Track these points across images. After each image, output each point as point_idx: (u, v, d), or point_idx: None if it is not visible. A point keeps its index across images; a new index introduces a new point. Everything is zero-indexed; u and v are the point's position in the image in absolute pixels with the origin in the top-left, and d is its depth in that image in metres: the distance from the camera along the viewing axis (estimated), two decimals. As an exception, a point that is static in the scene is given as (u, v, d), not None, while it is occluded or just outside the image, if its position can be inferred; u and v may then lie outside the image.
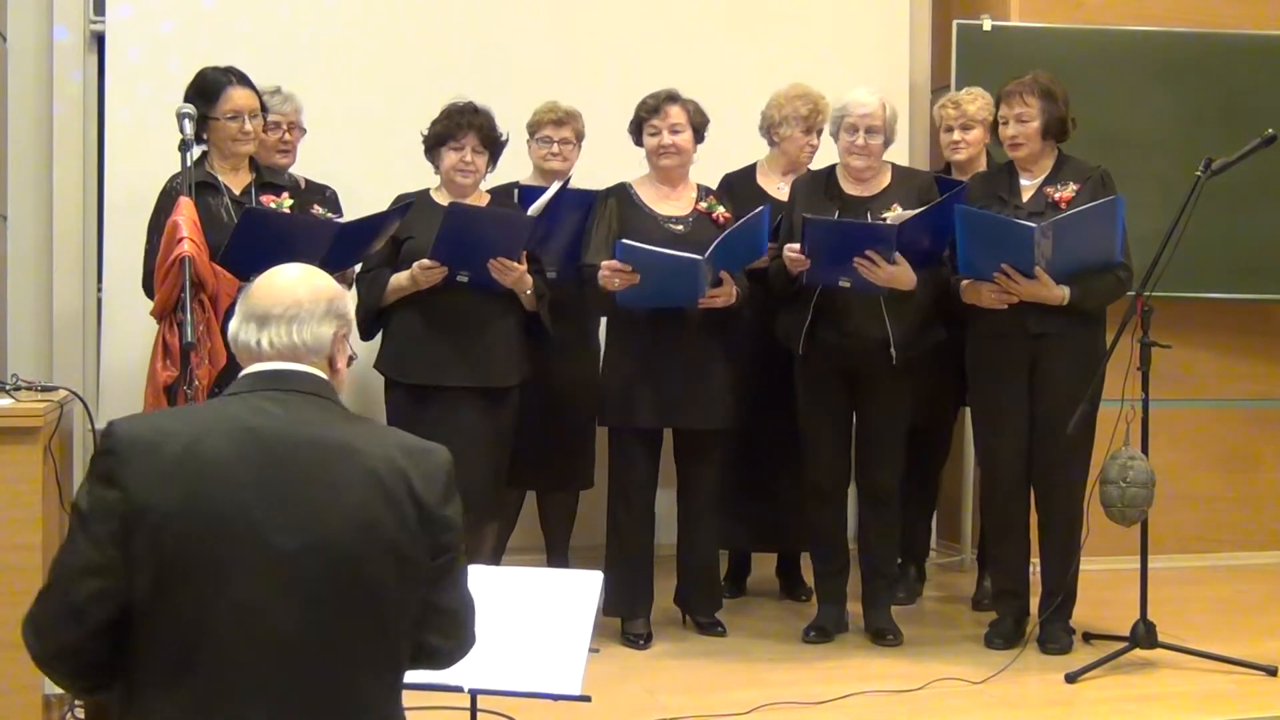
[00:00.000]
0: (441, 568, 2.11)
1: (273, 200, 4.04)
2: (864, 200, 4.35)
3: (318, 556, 1.98)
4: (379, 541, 2.02)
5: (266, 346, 2.11)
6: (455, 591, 2.15)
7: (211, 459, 1.98)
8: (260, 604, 1.96)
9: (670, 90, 4.42)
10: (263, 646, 1.96)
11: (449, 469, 2.14)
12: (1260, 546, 5.86)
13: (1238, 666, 4.09)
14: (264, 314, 2.12)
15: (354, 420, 2.16)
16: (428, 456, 2.12)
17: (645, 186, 4.46)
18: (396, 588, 2.04)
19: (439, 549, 2.09)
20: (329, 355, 2.17)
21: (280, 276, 2.19)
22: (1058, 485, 4.28)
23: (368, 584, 2.01)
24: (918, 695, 3.87)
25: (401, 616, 2.07)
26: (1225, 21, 5.75)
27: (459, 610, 2.16)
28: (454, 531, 2.12)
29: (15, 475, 3.19)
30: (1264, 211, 5.61)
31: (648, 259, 4.14)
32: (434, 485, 2.10)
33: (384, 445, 2.10)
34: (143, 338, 3.90)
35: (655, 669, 4.15)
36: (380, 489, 2.04)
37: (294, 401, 2.09)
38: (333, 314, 2.16)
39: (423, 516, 2.07)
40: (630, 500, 4.38)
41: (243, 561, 1.96)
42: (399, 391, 4.32)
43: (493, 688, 2.89)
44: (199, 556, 1.95)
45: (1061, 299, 4.15)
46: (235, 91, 3.97)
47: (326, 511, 2.00)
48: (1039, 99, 4.23)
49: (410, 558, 2.05)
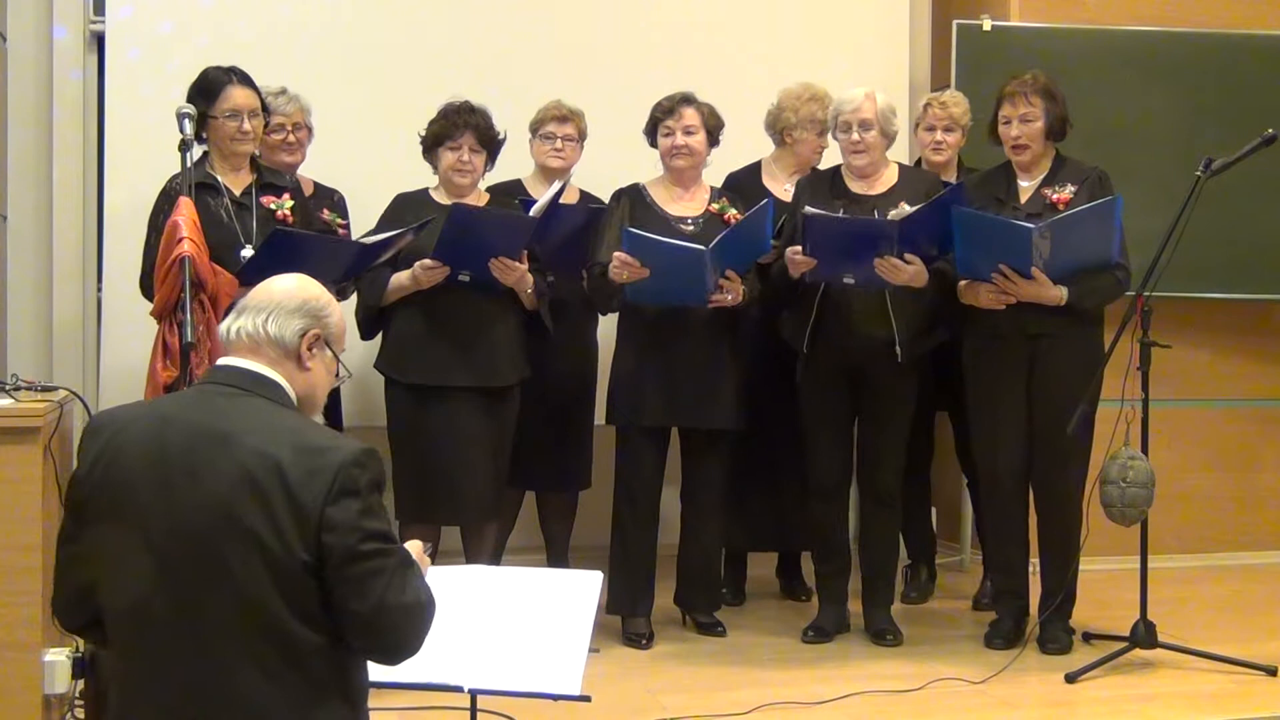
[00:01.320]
0: (340, 570, 2.09)
1: (273, 201, 4.04)
2: (870, 199, 4.35)
3: (182, 542, 2.09)
4: (239, 533, 2.07)
5: (234, 335, 2.25)
6: (365, 596, 2.11)
7: (125, 443, 2.17)
8: (144, 586, 2.10)
9: (686, 92, 4.42)
10: (153, 632, 2.10)
11: (342, 468, 2.10)
12: (1260, 546, 5.86)
13: (1238, 666, 4.09)
14: (243, 308, 2.27)
15: (266, 417, 2.17)
16: (318, 455, 2.12)
17: (658, 187, 4.46)
18: (267, 583, 2.06)
19: (324, 549, 2.08)
20: (295, 350, 2.24)
21: (274, 282, 2.33)
22: (1057, 485, 4.27)
23: (230, 576, 2.07)
24: (918, 695, 3.87)
25: (288, 615, 2.07)
26: (1225, 21, 5.75)
27: (369, 615, 2.11)
28: (343, 532, 2.08)
29: (15, 475, 3.18)
30: (1264, 211, 5.61)
31: (653, 249, 4.14)
32: (315, 482, 2.08)
33: (273, 440, 2.12)
34: (143, 338, 3.90)
35: (655, 669, 4.15)
36: (247, 481, 2.08)
37: (220, 394, 2.20)
38: (304, 312, 2.26)
39: (296, 513, 2.07)
40: (636, 499, 4.38)
41: (131, 542, 2.12)
42: (399, 391, 4.32)
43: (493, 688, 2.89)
44: (108, 532, 2.15)
45: (1059, 299, 4.15)
46: (235, 91, 3.97)
47: (192, 498, 2.10)
48: (1043, 99, 4.24)
49: (277, 553, 2.06)
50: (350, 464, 2.11)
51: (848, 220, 4.23)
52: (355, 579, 2.10)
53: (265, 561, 2.06)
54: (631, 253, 4.14)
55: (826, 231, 4.16)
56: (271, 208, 4.03)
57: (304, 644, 2.09)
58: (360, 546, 2.10)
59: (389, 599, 2.12)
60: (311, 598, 2.09)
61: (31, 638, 3.20)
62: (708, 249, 4.12)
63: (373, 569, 2.12)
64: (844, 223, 4.21)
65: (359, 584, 2.10)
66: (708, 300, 4.22)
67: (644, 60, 5.25)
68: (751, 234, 4.23)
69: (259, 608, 2.07)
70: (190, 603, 2.08)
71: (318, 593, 2.10)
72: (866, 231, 4.18)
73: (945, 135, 4.84)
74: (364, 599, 2.11)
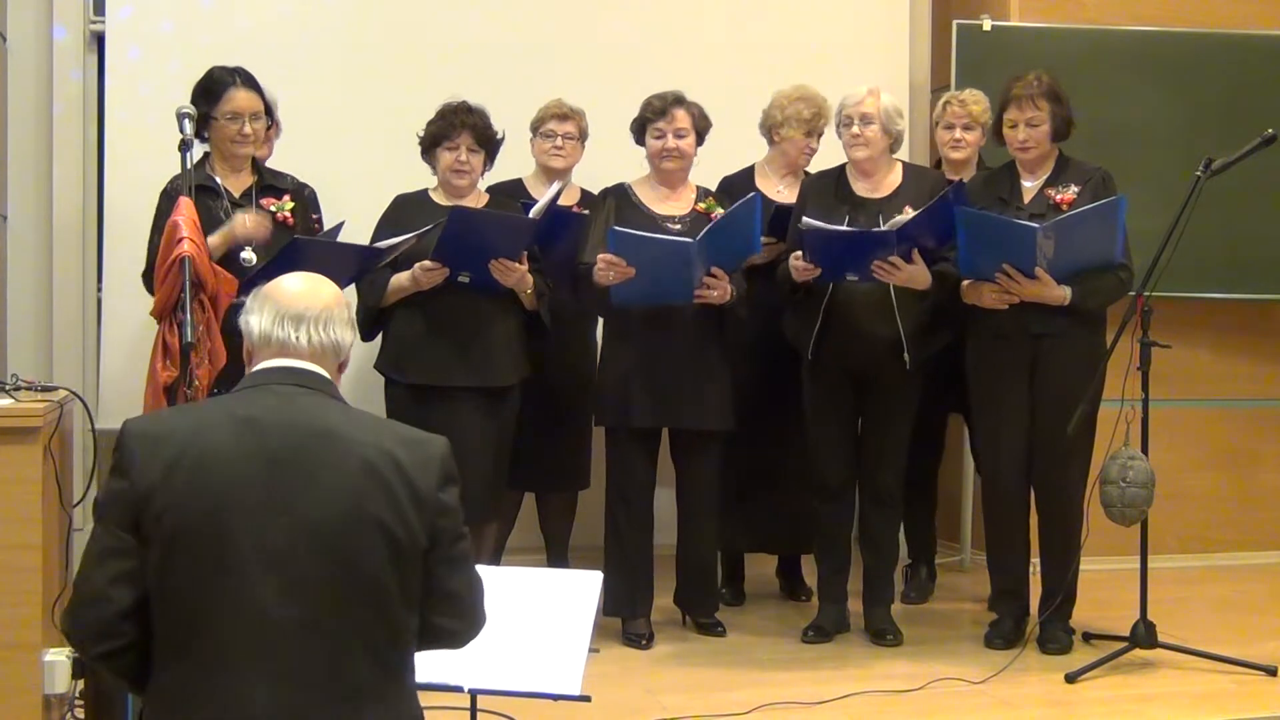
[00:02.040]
0: (445, 551, 2.21)
1: (273, 203, 4.04)
2: (875, 202, 4.35)
3: (305, 537, 2.10)
4: (368, 522, 2.13)
5: (306, 343, 2.27)
6: (461, 575, 2.25)
7: (210, 447, 2.13)
8: (254, 584, 2.08)
9: (677, 93, 4.41)
10: (258, 625, 2.08)
11: (444, 456, 2.23)
12: (1260, 546, 5.86)
13: (1238, 666, 4.09)
14: (299, 315, 2.28)
15: (353, 413, 2.27)
16: (423, 445, 2.23)
17: (644, 187, 4.46)
18: (389, 569, 2.14)
19: (437, 532, 2.19)
20: (343, 359, 2.34)
21: (302, 281, 2.36)
22: (1058, 485, 4.27)
23: (356, 564, 2.12)
24: (918, 695, 3.87)
25: (399, 598, 2.16)
26: (1225, 21, 5.75)
27: (464, 593, 2.26)
28: (451, 515, 2.22)
29: (15, 475, 3.18)
30: (1264, 211, 5.61)
31: (640, 246, 4.14)
32: (428, 470, 2.20)
33: (378, 434, 2.22)
34: (143, 338, 3.90)
35: (655, 669, 4.15)
36: (369, 472, 2.15)
37: (299, 394, 2.23)
38: (350, 322, 2.36)
39: (416, 500, 2.17)
40: (629, 500, 4.38)
41: (237, 543, 2.09)
42: (399, 391, 4.32)
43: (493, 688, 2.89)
44: (198, 539, 2.09)
45: (1063, 299, 4.15)
46: (237, 93, 3.97)
47: (313, 494, 2.12)
48: (1049, 103, 4.23)
49: (402, 540, 2.15)
50: (448, 454, 2.25)
51: (844, 232, 4.21)
52: (456, 559, 2.24)
53: (390, 547, 2.14)
54: (618, 252, 4.14)
55: (824, 243, 4.16)
56: (272, 209, 4.03)
57: (407, 628, 2.19)
58: (461, 528, 2.25)
59: (476, 576, 2.30)
60: (418, 581, 2.19)
61: (31, 638, 3.20)
62: (695, 240, 4.11)
63: (467, 549, 2.27)
64: (841, 235, 4.20)
65: (458, 564, 2.24)
66: (694, 297, 4.21)
67: (644, 60, 5.25)
68: (738, 228, 4.20)
69: (380, 593, 2.14)
70: (314, 595, 2.10)
71: (422, 577, 2.20)
72: (864, 241, 4.18)
73: (965, 133, 4.84)
74: (461, 578, 2.25)
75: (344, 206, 4.57)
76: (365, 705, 2.12)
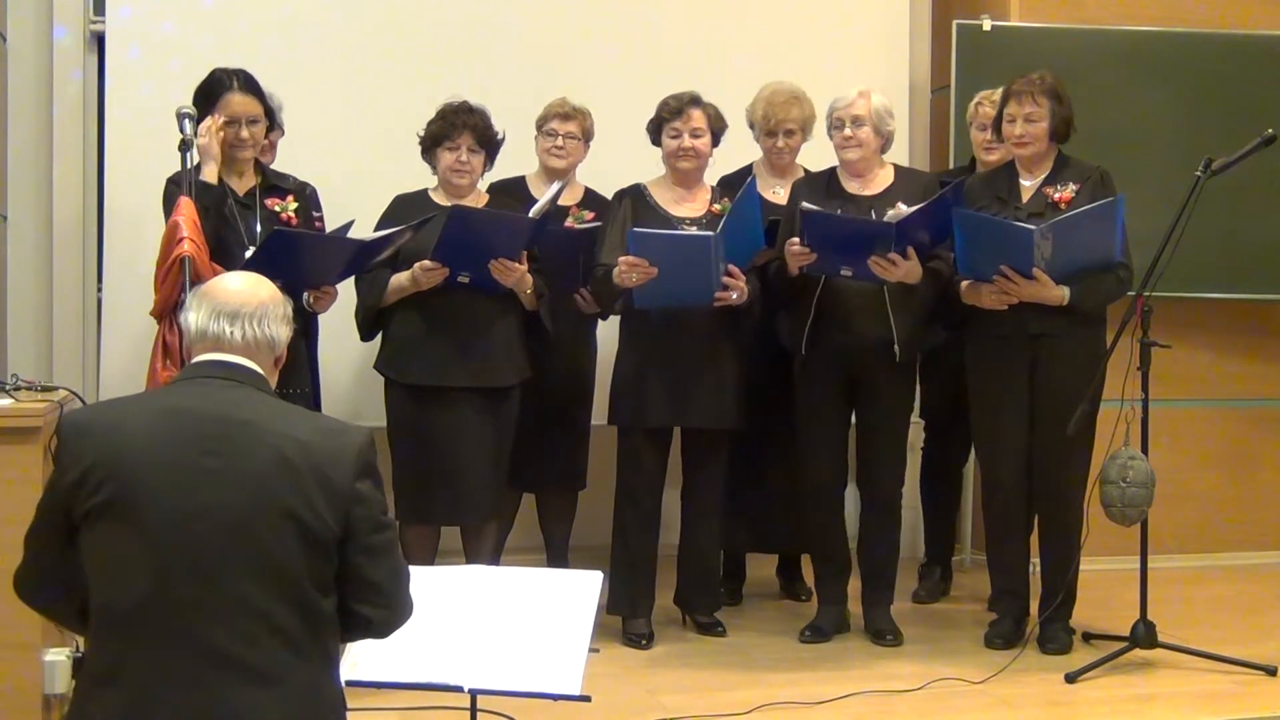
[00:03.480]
0: (362, 540, 2.27)
1: (277, 203, 4.04)
2: (867, 199, 4.35)
3: (214, 524, 2.19)
4: (276, 511, 2.20)
5: (239, 338, 2.36)
6: (383, 565, 2.31)
7: (129, 436, 2.24)
8: (165, 568, 2.18)
9: (693, 93, 4.41)
10: (170, 608, 2.18)
11: (362, 447, 2.30)
12: (1260, 546, 5.86)
13: (1238, 666, 4.09)
14: (234, 311, 2.37)
15: (278, 406, 2.36)
16: (340, 435, 2.31)
17: (660, 188, 4.46)
18: (299, 556, 2.21)
19: (352, 521, 2.26)
20: (281, 354, 2.44)
21: (241, 280, 2.47)
22: (1058, 485, 4.27)
23: (264, 551, 2.19)
24: (918, 695, 3.87)
25: (311, 584, 2.22)
26: (1225, 21, 5.75)
27: (386, 583, 2.31)
28: (367, 505, 2.28)
29: (15, 475, 3.18)
30: (1264, 211, 5.61)
31: (661, 244, 4.14)
32: (342, 461, 2.26)
33: (296, 425, 2.30)
34: (143, 338, 3.90)
35: (655, 669, 4.15)
36: (280, 462, 2.22)
37: (227, 387, 2.33)
38: (287, 319, 2.45)
39: (328, 490, 2.23)
40: (638, 500, 4.38)
41: (150, 528, 2.19)
42: (399, 391, 4.32)
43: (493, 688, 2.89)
44: (115, 524, 2.21)
45: (1061, 299, 4.15)
46: (234, 98, 3.96)
47: (224, 481, 2.21)
48: (1049, 99, 4.23)
49: (313, 528, 2.22)
50: (367, 446, 2.31)
51: (845, 219, 4.23)
52: (377, 549, 2.29)
53: (299, 535, 2.21)
54: (639, 253, 4.13)
55: (824, 228, 4.15)
56: (275, 210, 4.03)
57: (320, 614, 2.24)
58: (380, 516, 2.31)
59: (399, 562, 2.35)
60: (331, 569, 2.25)
61: (31, 638, 3.20)
62: (714, 234, 4.12)
63: (389, 540, 2.33)
64: (841, 221, 4.21)
65: (379, 553, 2.30)
66: (714, 298, 4.21)
67: (644, 60, 5.25)
68: (745, 219, 4.20)
69: (289, 579, 2.20)
70: (216, 581, 2.18)
71: (336, 566, 2.26)
72: (863, 230, 4.18)
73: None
74: (383, 567, 2.30)
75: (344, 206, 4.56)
76: (272, 688, 2.18)
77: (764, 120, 4.72)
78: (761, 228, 4.33)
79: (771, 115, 4.71)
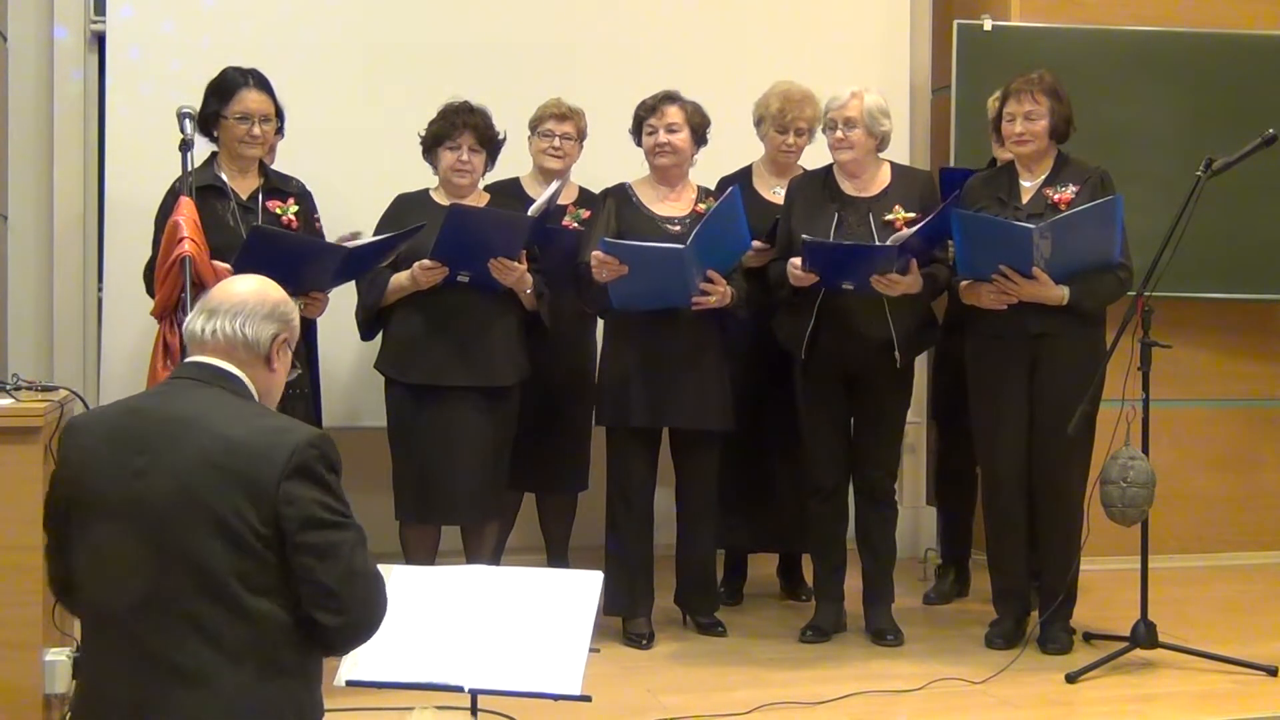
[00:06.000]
0: (299, 539, 2.21)
1: (278, 206, 4.04)
2: (864, 201, 4.35)
3: (138, 522, 2.22)
4: (197, 508, 2.19)
5: (210, 335, 2.36)
6: (330, 567, 2.23)
7: (89, 437, 2.32)
8: (104, 567, 2.25)
9: (670, 91, 4.42)
10: (111, 607, 2.23)
11: (298, 446, 2.24)
12: (1260, 546, 5.86)
13: (1238, 666, 4.09)
14: (213, 309, 2.39)
15: (229, 405, 2.32)
16: (275, 434, 2.26)
17: (644, 187, 4.47)
18: (222, 556, 2.18)
19: (284, 521, 2.20)
20: (266, 354, 2.39)
21: (237, 283, 2.47)
22: (1058, 485, 4.27)
23: (185, 550, 2.19)
24: (918, 695, 3.87)
25: (239, 585, 2.19)
26: (1225, 21, 5.75)
27: (338, 587, 2.23)
28: (300, 505, 2.21)
29: (15, 475, 3.18)
30: (1264, 211, 5.60)
31: (630, 254, 4.15)
32: (272, 460, 2.21)
33: (235, 424, 2.27)
34: (143, 338, 3.90)
35: (655, 669, 4.15)
36: (205, 460, 2.21)
37: (191, 386, 2.34)
38: (275, 316, 2.40)
39: (253, 489, 2.20)
40: (629, 500, 4.38)
41: (91, 527, 2.26)
42: (399, 391, 4.32)
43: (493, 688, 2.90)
44: (73, 524, 2.30)
45: (1061, 299, 4.15)
46: (248, 94, 3.99)
47: (150, 480, 2.23)
48: (1048, 98, 4.23)
49: (236, 527, 2.19)
50: (305, 444, 2.25)
51: (847, 246, 4.21)
52: (319, 548, 2.22)
53: (221, 535, 2.18)
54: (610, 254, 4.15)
55: (826, 256, 4.16)
56: (276, 212, 4.04)
57: (258, 617, 2.20)
58: (319, 514, 2.23)
59: (356, 565, 2.26)
60: (269, 571, 2.21)
61: (32, 638, 3.20)
62: (685, 246, 4.11)
63: (336, 539, 2.24)
64: (844, 249, 4.20)
65: (324, 552, 2.22)
66: (692, 302, 4.21)
67: (644, 60, 5.24)
68: (725, 226, 4.19)
69: (212, 579, 2.18)
70: (146, 580, 2.20)
71: (278, 568, 2.21)
72: (866, 256, 4.18)
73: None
74: (332, 567, 2.23)
75: (344, 206, 4.58)
76: (198, 689, 2.17)
77: (779, 115, 4.70)
78: (746, 232, 4.31)
79: (788, 111, 4.69)
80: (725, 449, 4.52)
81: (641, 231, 4.31)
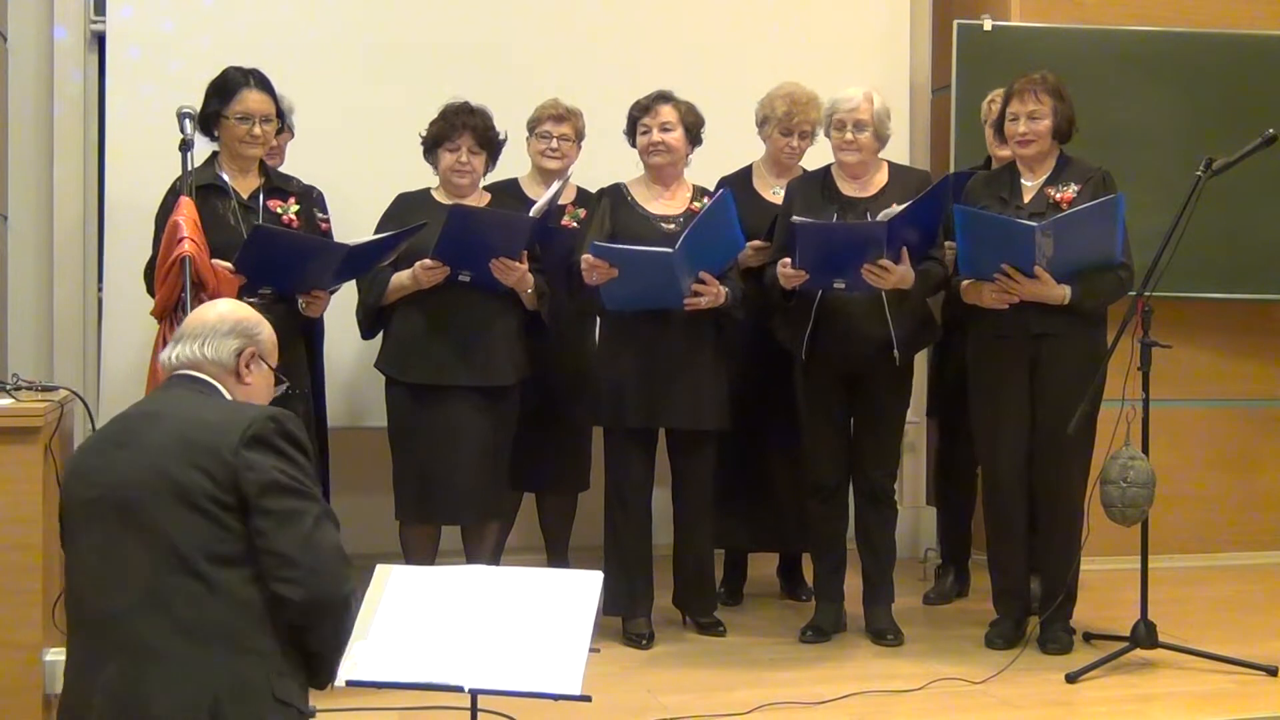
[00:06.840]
0: (259, 504, 2.29)
1: (279, 205, 4.04)
2: (862, 200, 4.35)
3: (111, 502, 2.33)
4: (164, 482, 2.29)
5: (175, 360, 2.52)
6: (288, 535, 2.30)
7: (83, 449, 2.53)
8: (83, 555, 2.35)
9: (663, 90, 4.42)
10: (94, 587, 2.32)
11: (258, 419, 2.36)
12: (1260, 546, 5.86)
13: (1238, 666, 4.09)
14: (179, 337, 2.55)
15: (207, 402, 2.46)
16: (237, 411, 2.41)
17: (639, 187, 4.47)
18: (187, 528, 2.27)
19: (245, 486, 2.30)
20: (234, 367, 2.53)
21: (204, 310, 2.63)
22: (1058, 485, 4.27)
23: (154, 527, 2.29)
24: (918, 695, 3.87)
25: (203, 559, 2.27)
26: (1225, 21, 5.75)
27: (297, 556, 2.30)
28: (259, 471, 2.31)
29: (15, 475, 3.19)
30: (1264, 211, 5.61)
31: (619, 257, 4.15)
32: (231, 430, 2.33)
33: (201, 408, 2.43)
34: (143, 338, 3.90)
35: (655, 669, 4.15)
36: (172, 436, 2.33)
37: (172, 386, 2.50)
38: (237, 332, 2.54)
39: (214, 457, 2.31)
40: (626, 500, 4.38)
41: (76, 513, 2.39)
42: (399, 390, 4.32)
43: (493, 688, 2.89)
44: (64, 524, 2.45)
45: (1063, 298, 4.15)
46: (250, 94, 3.99)
47: (119, 464, 2.35)
48: (1051, 98, 4.23)
49: (197, 496, 2.28)
50: (264, 417, 2.36)
51: (837, 226, 4.22)
52: (278, 514, 2.30)
53: (189, 507, 2.28)
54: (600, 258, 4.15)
55: (816, 239, 4.15)
56: (277, 212, 4.03)
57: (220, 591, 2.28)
58: (279, 479, 2.31)
59: (316, 536, 2.32)
60: (230, 540, 2.29)
61: (32, 638, 3.21)
62: (673, 250, 4.11)
63: (296, 506, 2.32)
64: (833, 229, 4.20)
65: (284, 520, 2.30)
66: (684, 303, 4.22)
67: (644, 60, 5.25)
68: (717, 228, 4.19)
69: (177, 553, 2.27)
70: (117, 557, 2.30)
71: (244, 536, 2.29)
72: (855, 236, 4.18)
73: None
74: (291, 535, 2.30)
75: (344, 206, 4.58)
76: (149, 664, 2.24)
77: (785, 118, 4.69)
78: (739, 233, 4.30)
79: (795, 114, 4.68)
80: (725, 449, 4.52)
81: (636, 230, 4.32)
